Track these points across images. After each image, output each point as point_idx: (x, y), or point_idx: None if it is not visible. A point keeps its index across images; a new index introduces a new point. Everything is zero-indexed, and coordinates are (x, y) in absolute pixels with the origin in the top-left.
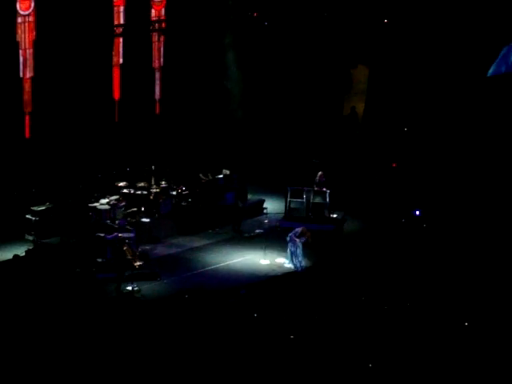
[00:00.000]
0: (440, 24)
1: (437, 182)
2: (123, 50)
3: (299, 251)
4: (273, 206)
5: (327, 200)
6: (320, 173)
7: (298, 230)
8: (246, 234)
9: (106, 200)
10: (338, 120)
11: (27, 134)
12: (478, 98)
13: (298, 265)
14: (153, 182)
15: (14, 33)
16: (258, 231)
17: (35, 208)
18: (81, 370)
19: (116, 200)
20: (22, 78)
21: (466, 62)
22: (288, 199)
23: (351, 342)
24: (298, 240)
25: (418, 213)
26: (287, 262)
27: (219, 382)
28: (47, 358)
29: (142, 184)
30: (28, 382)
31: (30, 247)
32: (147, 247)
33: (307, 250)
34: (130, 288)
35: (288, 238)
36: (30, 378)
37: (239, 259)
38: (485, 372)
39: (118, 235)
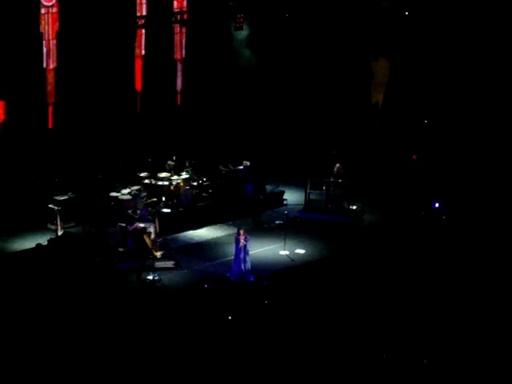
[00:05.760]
0: (460, 16)
1: (457, 175)
2: (145, 41)
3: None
4: (293, 197)
5: (346, 192)
6: (338, 164)
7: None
8: (266, 225)
9: (128, 190)
10: (358, 112)
11: (50, 124)
12: (499, 89)
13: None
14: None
15: (38, 24)
16: (277, 222)
17: (58, 197)
18: (102, 356)
19: (137, 190)
20: (45, 69)
21: (487, 55)
22: (308, 190)
23: (367, 332)
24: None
25: (437, 205)
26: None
27: (238, 370)
28: (69, 345)
29: (163, 175)
30: (51, 364)
31: (53, 236)
32: (168, 237)
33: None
34: (150, 277)
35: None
36: (51, 361)
37: (259, 250)
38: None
39: (139, 225)
